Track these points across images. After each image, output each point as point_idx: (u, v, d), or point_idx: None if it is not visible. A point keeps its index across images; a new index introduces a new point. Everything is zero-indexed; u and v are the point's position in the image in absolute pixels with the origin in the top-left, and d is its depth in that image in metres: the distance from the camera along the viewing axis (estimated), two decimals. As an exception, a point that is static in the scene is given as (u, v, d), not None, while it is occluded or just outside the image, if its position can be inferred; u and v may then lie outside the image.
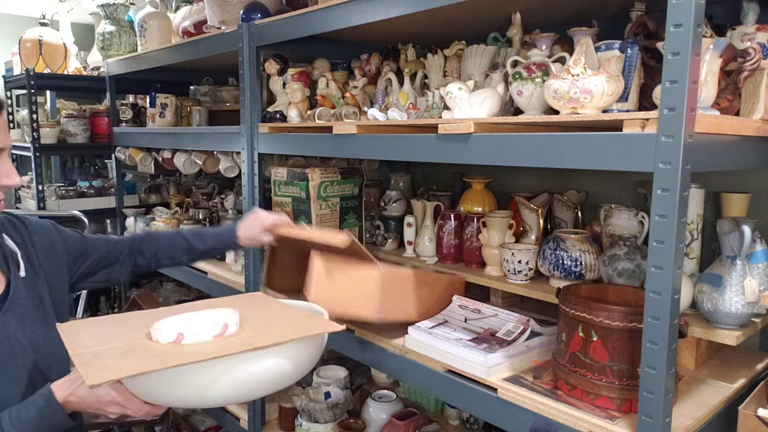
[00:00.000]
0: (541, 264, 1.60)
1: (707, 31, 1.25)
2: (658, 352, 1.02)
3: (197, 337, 1.02)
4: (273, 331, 1.05)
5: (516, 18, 1.59)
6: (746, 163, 1.24)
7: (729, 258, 1.31)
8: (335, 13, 1.65)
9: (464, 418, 1.99)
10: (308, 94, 2.02)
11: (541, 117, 1.31)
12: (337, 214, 1.95)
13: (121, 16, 3.09)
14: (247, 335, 1.04)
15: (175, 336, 1.02)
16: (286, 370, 1.03)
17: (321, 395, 2.10)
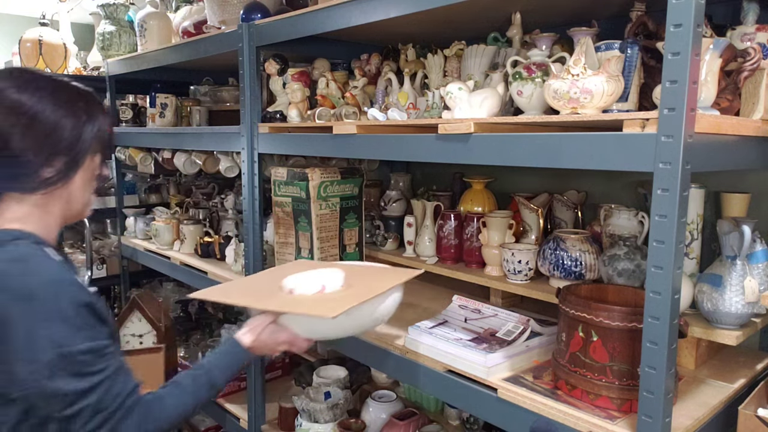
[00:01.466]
0: (541, 264, 1.60)
1: (707, 31, 1.25)
2: (658, 352, 1.02)
3: (333, 287, 1.32)
4: (380, 282, 1.34)
5: (516, 18, 1.59)
6: (746, 163, 1.24)
7: (729, 258, 1.31)
8: (335, 13, 1.65)
9: (464, 418, 1.99)
10: (308, 94, 2.02)
11: (541, 117, 1.31)
12: (337, 214, 1.95)
13: (121, 16, 3.09)
14: (360, 287, 1.32)
15: (319, 288, 1.31)
16: (397, 303, 1.36)
17: (321, 395, 2.10)
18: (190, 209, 3.00)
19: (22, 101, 1.00)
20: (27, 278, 0.97)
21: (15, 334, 0.94)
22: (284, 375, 2.63)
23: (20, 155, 1.00)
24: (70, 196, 1.09)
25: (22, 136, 1.00)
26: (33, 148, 1.01)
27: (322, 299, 1.27)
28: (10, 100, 1.00)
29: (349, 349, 1.72)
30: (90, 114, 1.08)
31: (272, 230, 2.09)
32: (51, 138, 1.02)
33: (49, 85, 1.05)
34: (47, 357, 0.95)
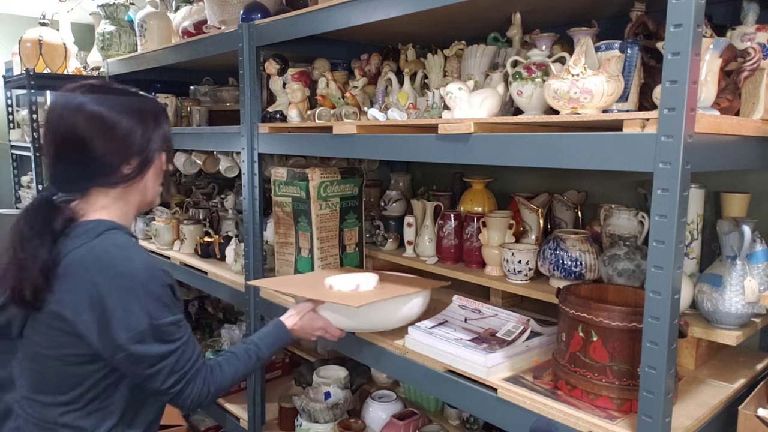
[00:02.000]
0: (541, 264, 1.60)
1: (707, 31, 1.25)
2: (658, 352, 1.02)
3: (366, 287, 1.58)
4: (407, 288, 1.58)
5: (516, 18, 1.59)
6: (746, 163, 1.24)
7: (729, 258, 1.31)
8: (335, 13, 1.65)
9: (464, 418, 1.99)
10: (308, 94, 2.02)
11: (541, 117, 1.31)
12: (337, 214, 1.95)
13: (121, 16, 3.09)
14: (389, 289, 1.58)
15: (354, 286, 1.57)
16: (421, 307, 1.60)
17: (321, 395, 2.10)
18: (190, 209, 3.00)
19: (101, 112, 1.19)
20: (128, 263, 1.16)
21: (115, 306, 1.13)
22: (284, 375, 2.63)
23: (103, 156, 1.20)
24: (144, 188, 1.29)
25: (104, 142, 1.19)
26: (113, 150, 1.20)
27: (354, 295, 1.54)
28: (91, 111, 1.18)
29: (349, 349, 1.72)
30: (156, 119, 1.27)
31: (272, 230, 2.09)
32: (127, 142, 1.21)
33: (122, 96, 1.25)
34: (142, 326, 1.14)
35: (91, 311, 1.13)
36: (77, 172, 1.21)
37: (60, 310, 1.14)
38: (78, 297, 1.13)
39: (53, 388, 1.21)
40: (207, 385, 1.27)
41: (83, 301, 1.13)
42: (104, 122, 1.18)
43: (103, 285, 1.13)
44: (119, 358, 1.16)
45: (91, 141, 1.18)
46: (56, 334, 1.17)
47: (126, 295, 1.13)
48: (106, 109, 1.19)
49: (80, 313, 1.13)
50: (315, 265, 1.90)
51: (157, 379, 1.19)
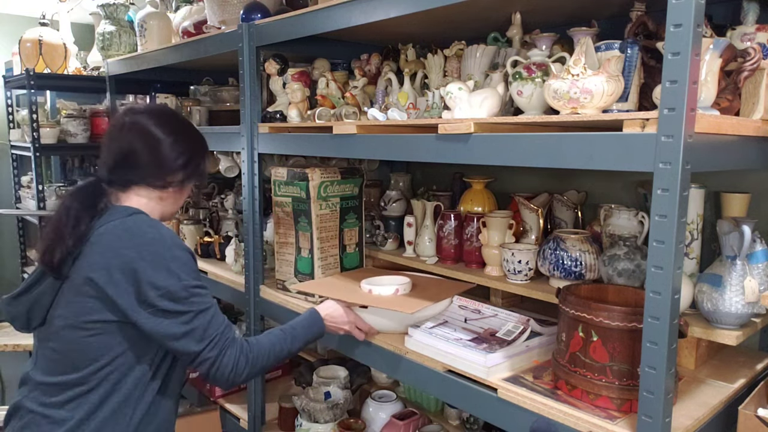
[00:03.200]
0: (541, 264, 1.60)
1: (707, 31, 1.25)
2: (658, 352, 1.02)
3: (404, 291, 1.68)
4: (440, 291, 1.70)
5: (516, 18, 1.59)
6: (746, 163, 1.24)
7: (729, 258, 1.31)
8: (335, 13, 1.65)
9: (464, 418, 1.99)
10: (308, 94, 2.02)
11: (541, 117, 1.31)
12: (337, 214, 1.95)
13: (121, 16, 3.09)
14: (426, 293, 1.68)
15: (394, 290, 1.66)
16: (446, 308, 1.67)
17: (321, 395, 2.10)
18: (190, 209, 3.00)
19: (157, 134, 1.39)
20: (156, 232, 1.29)
21: (146, 268, 1.23)
22: (284, 375, 2.63)
23: (163, 161, 1.39)
24: (173, 201, 1.46)
25: (168, 151, 1.39)
26: (171, 160, 1.40)
27: (399, 299, 1.62)
28: (150, 131, 1.38)
29: (349, 349, 1.72)
30: (202, 153, 1.50)
31: (272, 230, 2.09)
32: (183, 159, 1.41)
33: (179, 124, 1.46)
34: (172, 286, 1.24)
35: (122, 274, 1.23)
36: (132, 169, 1.38)
37: (91, 275, 1.24)
38: (110, 261, 1.24)
39: (68, 366, 1.28)
40: (245, 353, 1.32)
41: (115, 265, 1.23)
42: (160, 140, 1.39)
43: (134, 250, 1.24)
44: (149, 314, 1.23)
45: (157, 147, 1.38)
46: (85, 300, 1.26)
47: (155, 257, 1.24)
48: (162, 132, 1.39)
49: (111, 276, 1.23)
50: (315, 265, 1.90)
51: (191, 341, 1.25)
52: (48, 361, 1.32)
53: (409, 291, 1.70)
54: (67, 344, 1.29)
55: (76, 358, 1.28)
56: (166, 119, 1.43)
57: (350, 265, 2.01)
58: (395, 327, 1.63)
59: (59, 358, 1.30)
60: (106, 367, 1.27)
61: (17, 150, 4.03)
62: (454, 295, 1.68)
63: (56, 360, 1.30)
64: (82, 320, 1.26)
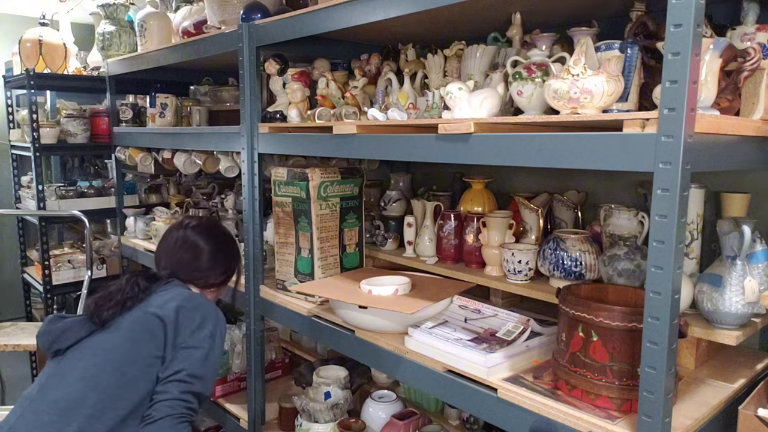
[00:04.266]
0: (541, 264, 1.60)
1: (707, 31, 1.25)
2: (658, 352, 1.02)
3: (404, 291, 1.70)
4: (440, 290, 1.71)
5: (516, 18, 1.59)
6: (746, 163, 1.24)
7: (729, 258, 1.31)
8: (335, 13, 1.65)
9: (464, 418, 1.99)
10: (308, 94, 2.02)
11: (541, 117, 1.31)
12: (337, 214, 1.95)
13: (121, 16, 3.09)
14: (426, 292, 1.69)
15: (393, 290, 1.67)
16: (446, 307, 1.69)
17: (321, 395, 2.10)
18: (190, 209, 3.00)
19: (200, 243, 1.77)
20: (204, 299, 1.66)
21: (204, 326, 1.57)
22: (284, 375, 2.63)
23: (209, 269, 1.77)
24: (212, 296, 1.80)
25: (214, 261, 1.78)
26: (217, 267, 1.79)
27: (399, 299, 1.63)
28: (193, 239, 1.77)
29: (349, 349, 1.72)
30: (237, 261, 1.88)
31: (272, 230, 2.09)
32: (224, 266, 1.82)
33: (217, 233, 1.83)
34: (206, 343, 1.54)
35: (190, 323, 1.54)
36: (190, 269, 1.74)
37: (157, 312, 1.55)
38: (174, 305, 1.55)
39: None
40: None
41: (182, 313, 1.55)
42: (201, 248, 1.76)
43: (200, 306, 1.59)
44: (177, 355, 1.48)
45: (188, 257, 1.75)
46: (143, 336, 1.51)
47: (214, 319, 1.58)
48: (204, 241, 1.77)
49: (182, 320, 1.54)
50: (315, 265, 1.90)
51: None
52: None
53: (409, 291, 1.70)
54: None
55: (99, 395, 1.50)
56: (213, 234, 1.80)
57: (350, 265, 2.01)
58: (395, 327, 1.63)
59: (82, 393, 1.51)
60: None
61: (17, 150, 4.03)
62: (454, 295, 1.68)
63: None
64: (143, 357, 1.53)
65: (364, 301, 1.62)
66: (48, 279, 3.45)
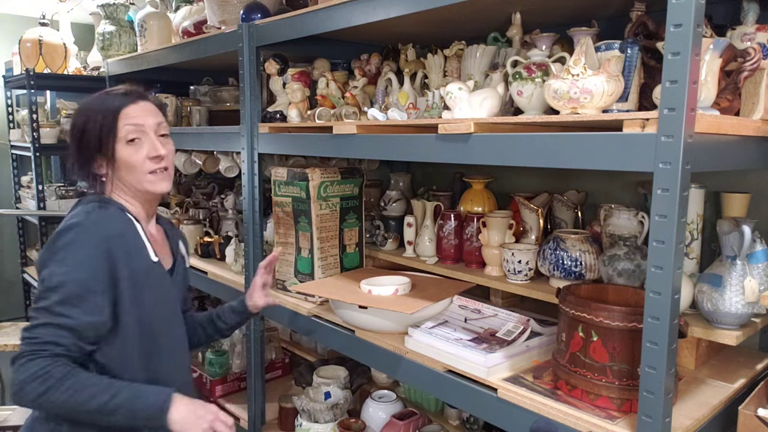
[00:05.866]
0: (541, 264, 1.60)
1: (707, 31, 1.25)
2: (658, 352, 1.02)
3: (404, 291, 1.68)
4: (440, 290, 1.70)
5: (516, 18, 1.59)
6: (746, 163, 1.24)
7: (729, 258, 1.31)
8: (335, 13, 1.65)
9: (464, 418, 1.99)
10: (308, 94, 2.02)
11: (541, 117, 1.31)
12: (337, 214, 1.95)
13: (121, 16, 3.09)
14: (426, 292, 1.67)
15: (393, 290, 1.65)
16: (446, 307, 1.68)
17: (321, 395, 2.10)
18: (190, 209, 3.00)
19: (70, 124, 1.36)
20: (70, 219, 1.22)
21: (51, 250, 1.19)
22: (284, 375, 2.64)
23: (75, 163, 1.33)
24: (127, 183, 1.32)
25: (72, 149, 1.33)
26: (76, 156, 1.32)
27: (399, 299, 1.61)
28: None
29: (349, 349, 1.72)
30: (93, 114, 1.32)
31: (272, 230, 2.09)
32: (79, 146, 1.31)
33: (80, 106, 1.37)
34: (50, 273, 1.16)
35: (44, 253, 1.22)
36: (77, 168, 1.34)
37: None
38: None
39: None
40: (47, 377, 1.11)
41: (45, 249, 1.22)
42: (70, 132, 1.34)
43: (58, 232, 1.21)
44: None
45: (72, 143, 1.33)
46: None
47: (49, 249, 1.20)
48: (71, 121, 1.35)
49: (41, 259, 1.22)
50: (315, 265, 1.90)
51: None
52: None
53: (409, 291, 1.70)
54: None
55: None
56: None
57: (350, 265, 2.01)
58: (395, 327, 1.63)
59: None
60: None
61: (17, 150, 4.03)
62: (454, 295, 1.68)
63: None
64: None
65: (364, 301, 1.61)
66: (48, 279, 3.44)
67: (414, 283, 1.74)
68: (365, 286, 1.69)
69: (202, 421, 1.19)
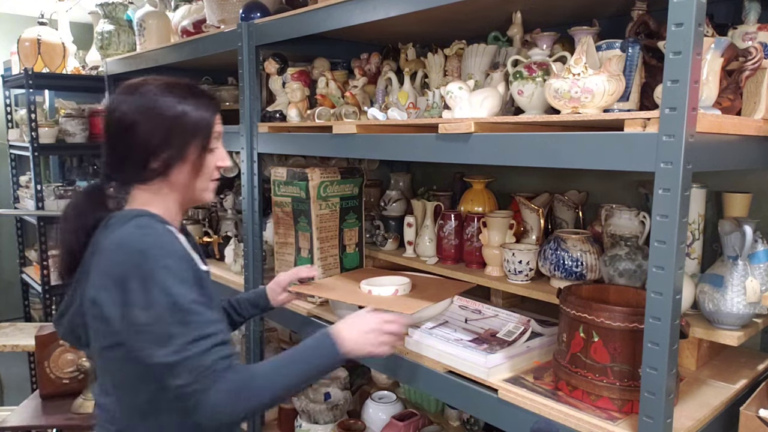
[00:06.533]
0: (542, 264, 1.60)
1: (709, 30, 1.25)
2: (660, 352, 1.02)
3: (404, 291, 1.66)
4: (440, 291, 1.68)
5: (517, 17, 1.59)
6: (748, 162, 1.23)
7: (730, 258, 1.31)
8: (335, 13, 1.64)
9: (464, 419, 1.98)
10: (308, 94, 2.02)
11: (541, 117, 1.30)
12: (337, 214, 1.95)
13: (119, 15, 3.08)
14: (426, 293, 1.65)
15: (393, 291, 1.63)
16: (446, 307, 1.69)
17: (321, 396, 2.09)
18: (189, 209, 3.00)
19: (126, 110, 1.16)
20: (144, 238, 1.10)
21: (134, 285, 1.06)
22: (284, 375, 2.63)
23: (129, 152, 1.17)
24: (182, 184, 1.21)
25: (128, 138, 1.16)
26: (137, 145, 1.16)
27: (399, 300, 1.59)
28: (121, 109, 1.16)
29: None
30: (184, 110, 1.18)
31: (272, 230, 2.08)
32: (148, 136, 1.16)
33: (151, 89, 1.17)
34: (160, 304, 1.05)
35: (114, 291, 1.08)
36: (115, 166, 1.21)
37: (92, 295, 1.11)
38: (104, 279, 1.10)
39: (108, 390, 1.18)
40: (237, 391, 1.07)
41: (109, 283, 1.09)
42: (126, 119, 1.16)
43: (122, 264, 1.08)
44: (135, 337, 1.07)
45: (117, 138, 1.18)
46: (92, 322, 1.14)
47: (141, 271, 1.06)
48: (130, 106, 1.16)
49: (107, 294, 1.09)
50: (315, 266, 1.90)
51: (180, 372, 1.05)
52: (101, 381, 1.22)
53: (409, 291, 1.69)
54: (102, 367, 1.20)
55: (110, 383, 1.18)
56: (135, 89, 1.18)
57: (350, 266, 2.01)
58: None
59: (102, 381, 1.21)
60: (139, 403, 1.16)
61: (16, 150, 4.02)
62: (454, 295, 1.67)
63: (101, 382, 1.21)
64: (99, 345, 1.15)
65: (364, 301, 1.61)
66: (46, 279, 3.45)
67: (414, 283, 1.73)
68: (365, 286, 1.69)
69: (373, 335, 1.22)
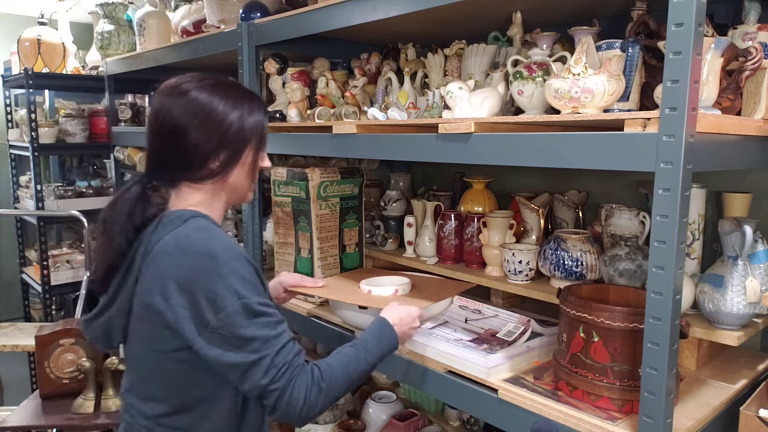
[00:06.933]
0: (542, 264, 1.60)
1: (709, 30, 1.25)
2: (660, 352, 1.02)
3: (404, 291, 1.64)
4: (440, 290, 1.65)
5: (517, 17, 1.59)
6: (748, 162, 1.23)
7: (730, 258, 1.31)
8: (335, 13, 1.64)
9: (465, 419, 1.98)
10: (308, 94, 2.02)
11: (541, 116, 1.30)
12: (337, 214, 1.95)
13: (119, 15, 3.08)
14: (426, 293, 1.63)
15: (393, 291, 1.62)
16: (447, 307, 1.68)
17: (321, 396, 2.09)
18: (190, 209, 2.99)
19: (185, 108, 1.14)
20: (208, 242, 1.09)
21: (202, 288, 1.05)
22: (284, 375, 2.63)
23: (187, 151, 1.14)
24: (234, 185, 1.21)
25: (187, 137, 1.14)
26: (197, 145, 1.14)
27: (399, 300, 1.54)
28: (178, 107, 1.14)
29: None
30: (248, 111, 1.18)
31: (272, 230, 2.08)
32: (210, 136, 1.15)
33: (208, 88, 1.16)
34: (232, 307, 1.05)
35: (180, 296, 1.06)
36: (165, 165, 1.18)
37: (149, 300, 1.09)
38: (165, 283, 1.07)
39: (156, 393, 1.15)
40: (317, 382, 1.10)
41: (171, 287, 1.07)
42: (181, 122, 1.14)
43: (188, 267, 1.07)
44: (208, 342, 1.06)
45: (174, 137, 1.15)
46: (149, 327, 1.11)
47: (210, 274, 1.06)
48: (182, 108, 1.14)
49: (168, 299, 1.07)
50: (315, 266, 1.90)
51: (256, 372, 1.05)
52: (138, 382, 1.19)
53: (409, 291, 1.69)
54: (149, 370, 1.16)
55: (160, 387, 1.15)
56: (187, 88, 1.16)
57: (350, 266, 2.01)
58: None
59: (146, 385, 1.17)
60: (191, 398, 1.14)
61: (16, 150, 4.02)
62: (454, 296, 1.67)
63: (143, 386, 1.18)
64: (154, 348, 1.12)
65: (364, 301, 1.61)
66: (47, 279, 3.44)
67: (414, 283, 1.73)
68: (365, 286, 1.69)
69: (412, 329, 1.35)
